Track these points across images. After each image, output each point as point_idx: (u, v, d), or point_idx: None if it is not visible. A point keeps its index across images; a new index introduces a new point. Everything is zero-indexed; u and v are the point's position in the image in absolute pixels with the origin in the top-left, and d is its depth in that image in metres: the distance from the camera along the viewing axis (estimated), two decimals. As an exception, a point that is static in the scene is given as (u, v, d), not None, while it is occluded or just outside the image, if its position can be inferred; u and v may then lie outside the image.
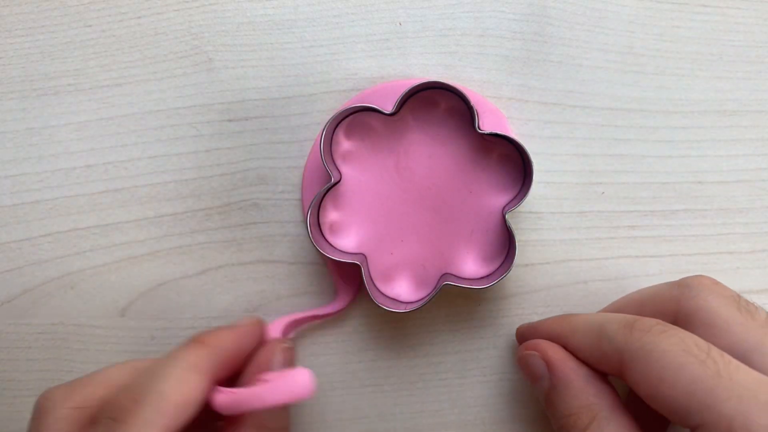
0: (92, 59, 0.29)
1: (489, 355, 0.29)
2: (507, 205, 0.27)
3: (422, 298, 0.27)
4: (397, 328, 0.29)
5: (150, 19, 0.29)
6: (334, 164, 0.27)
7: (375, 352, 0.29)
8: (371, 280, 0.27)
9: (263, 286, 0.29)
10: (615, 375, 0.22)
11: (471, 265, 0.27)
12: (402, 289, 0.27)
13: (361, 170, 0.27)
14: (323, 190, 0.26)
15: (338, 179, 0.27)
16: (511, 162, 0.27)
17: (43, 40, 0.29)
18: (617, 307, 0.26)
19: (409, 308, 0.26)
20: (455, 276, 0.27)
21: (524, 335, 0.27)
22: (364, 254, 0.27)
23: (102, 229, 0.29)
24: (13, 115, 0.29)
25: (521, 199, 0.26)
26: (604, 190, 0.29)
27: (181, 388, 0.21)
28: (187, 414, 0.21)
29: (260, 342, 0.25)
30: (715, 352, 0.20)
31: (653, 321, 0.22)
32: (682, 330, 0.21)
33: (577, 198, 0.29)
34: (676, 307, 0.23)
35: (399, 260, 0.27)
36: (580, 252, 0.29)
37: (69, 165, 0.29)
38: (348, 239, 0.28)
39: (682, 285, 0.24)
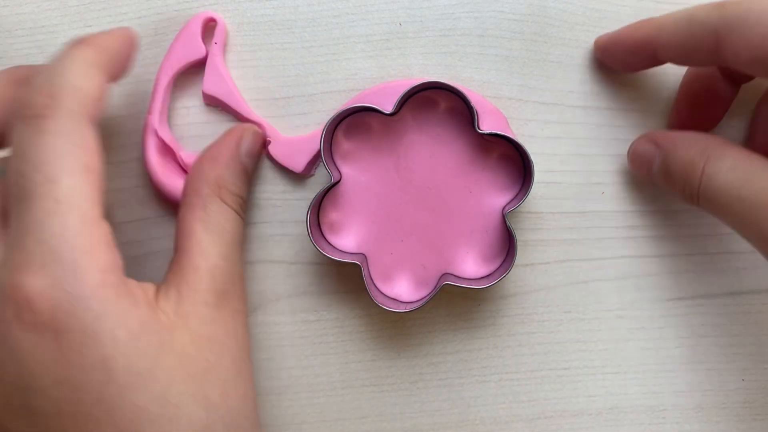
0: (92, 59, 0.29)
1: (489, 355, 0.29)
2: (507, 205, 0.27)
3: (422, 298, 0.27)
4: (397, 328, 0.29)
5: (150, 20, 0.29)
6: (335, 164, 0.27)
7: (375, 352, 0.29)
8: (371, 280, 0.27)
9: (263, 286, 0.29)
10: (710, 63, 0.23)
11: (471, 265, 0.27)
12: (402, 289, 0.27)
13: (361, 170, 0.27)
14: (323, 190, 0.26)
15: (338, 179, 0.27)
16: (511, 162, 0.27)
17: (43, 40, 0.29)
18: None
19: (409, 308, 0.26)
20: (455, 276, 0.27)
21: (605, 46, 0.27)
22: (364, 254, 0.27)
23: (102, 229, 0.29)
24: (14, 115, 0.29)
25: (521, 199, 0.26)
26: (604, 190, 0.29)
27: (91, 81, 0.21)
28: (100, 108, 0.22)
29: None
30: None
31: None
32: None
33: (577, 198, 0.29)
34: None
35: (399, 260, 0.27)
36: (580, 252, 0.29)
37: (69, 165, 0.29)
38: (348, 239, 0.28)
39: None
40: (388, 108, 0.26)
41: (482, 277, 0.27)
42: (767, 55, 0.21)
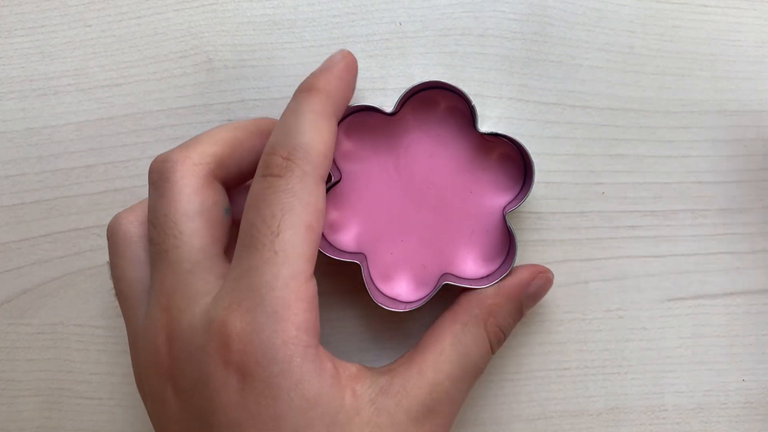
0: (92, 59, 0.29)
1: (489, 355, 0.29)
2: (508, 205, 0.27)
3: (422, 298, 0.27)
4: (396, 328, 0.29)
5: (150, 19, 0.29)
6: (335, 163, 0.27)
7: (375, 353, 0.29)
8: (371, 280, 0.27)
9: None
10: None
11: (471, 265, 0.27)
12: (402, 289, 0.27)
13: (361, 169, 0.27)
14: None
15: (338, 178, 0.27)
16: (512, 162, 0.27)
17: (43, 40, 0.29)
18: None
19: (408, 308, 0.26)
20: (455, 276, 0.27)
21: None
22: (363, 253, 0.27)
23: (102, 229, 0.29)
24: (14, 115, 0.29)
25: (522, 199, 0.26)
26: (604, 190, 0.29)
27: (321, 137, 0.23)
28: (330, 160, 0.23)
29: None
30: None
31: None
32: None
33: (577, 198, 0.29)
34: None
35: (399, 260, 0.27)
36: (580, 252, 0.29)
37: (69, 165, 0.29)
38: (348, 238, 0.28)
39: None
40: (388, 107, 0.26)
41: (482, 277, 0.27)
42: None
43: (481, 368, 0.25)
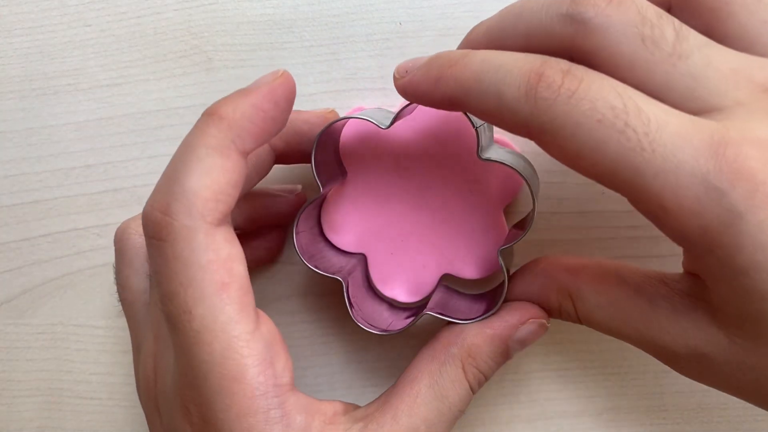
0: (92, 59, 0.29)
1: (489, 355, 0.29)
2: (510, 229, 0.26)
3: (418, 301, 0.27)
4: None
5: (150, 19, 0.29)
6: (340, 163, 0.27)
7: (376, 353, 0.29)
8: (369, 280, 0.27)
9: (263, 286, 0.29)
10: (526, 137, 0.20)
11: (471, 266, 0.27)
12: (401, 290, 0.27)
13: (362, 169, 0.27)
14: (311, 200, 0.25)
15: (344, 178, 0.27)
16: (512, 162, 0.27)
17: (43, 40, 0.29)
18: (502, 31, 0.22)
19: (388, 331, 0.25)
20: (454, 277, 0.27)
21: (404, 89, 0.22)
22: (363, 254, 0.27)
23: (102, 229, 0.29)
24: (13, 115, 0.29)
25: (519, 238, 0.24)
26: (604, 190, 0.29)
27: (210, 179, 0.19)
28: (228, 198, 0.20)
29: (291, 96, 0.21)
30: (633, 114, 0.18)
31: (558, 76, 0.18)
32: (595, 81, 0.18)
33: (577, 198, 0.29)
34: (570, 45, 0.20)
35: (399, 260, 0.27)
36: (580, 252, 0.29)
37: (68, 165, 0.29)
38: (348, 239, 0.28)
39: (576, 20, 0.19)
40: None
41: (477, 295, 0.27)
42: (584, 170, 0.19)
43: (461, 409, 0.23)
